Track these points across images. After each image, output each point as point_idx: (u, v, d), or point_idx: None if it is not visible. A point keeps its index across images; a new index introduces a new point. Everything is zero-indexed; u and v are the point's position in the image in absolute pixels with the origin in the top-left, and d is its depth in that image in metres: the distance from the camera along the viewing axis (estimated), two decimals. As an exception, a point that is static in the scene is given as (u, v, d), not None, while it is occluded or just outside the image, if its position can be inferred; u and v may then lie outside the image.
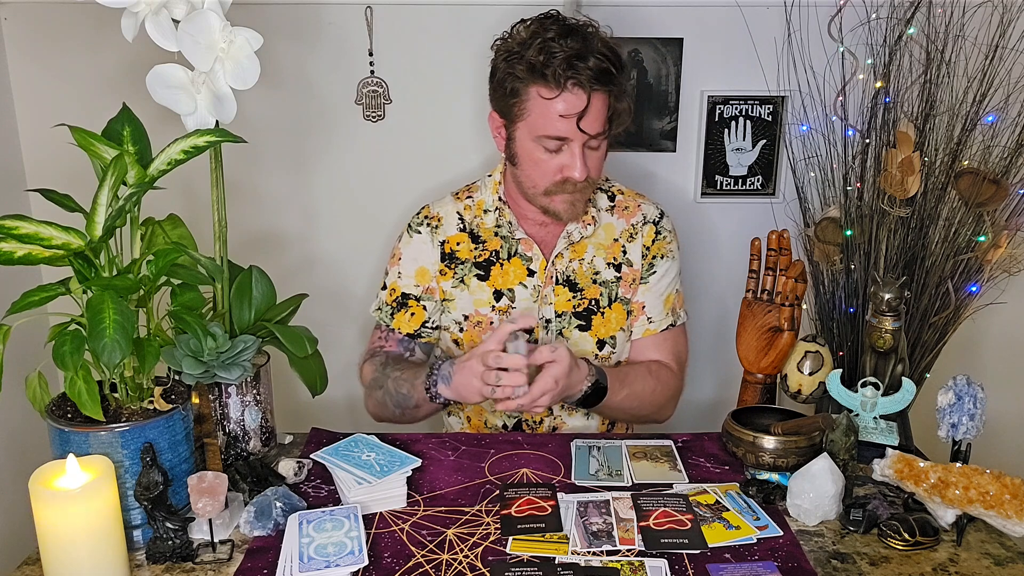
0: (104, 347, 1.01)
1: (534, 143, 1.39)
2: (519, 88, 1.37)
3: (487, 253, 1.53)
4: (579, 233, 1.51)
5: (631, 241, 1.55)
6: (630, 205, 1.57)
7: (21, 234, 1.04)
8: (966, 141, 1.58)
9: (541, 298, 1.51)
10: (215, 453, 1.26)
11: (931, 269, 1.61)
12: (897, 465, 1.21)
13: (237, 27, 1.18)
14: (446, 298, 1.54)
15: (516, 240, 1.52)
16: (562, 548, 1.11)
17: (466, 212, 1.55)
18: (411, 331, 1.54)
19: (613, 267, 1.54)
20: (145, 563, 1.10)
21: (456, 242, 1.53)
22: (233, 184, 1.49)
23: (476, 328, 1.53)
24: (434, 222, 1.55)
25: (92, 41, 1.76)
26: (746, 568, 1.08)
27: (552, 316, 1.52)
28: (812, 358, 1.47)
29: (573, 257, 1.53)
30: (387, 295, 1.55)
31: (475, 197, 1.56)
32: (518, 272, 1.52)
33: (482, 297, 1.52)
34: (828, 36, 1.71)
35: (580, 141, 1.36)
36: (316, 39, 1.80)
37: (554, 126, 1.35)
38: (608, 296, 1.53)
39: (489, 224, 1.53)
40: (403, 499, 1.22)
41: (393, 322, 1.54)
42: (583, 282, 1.53)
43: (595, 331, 1.53)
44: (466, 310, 1.53)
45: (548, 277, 1.51)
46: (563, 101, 1.34)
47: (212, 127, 1.20)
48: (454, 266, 1.53)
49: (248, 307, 1.34)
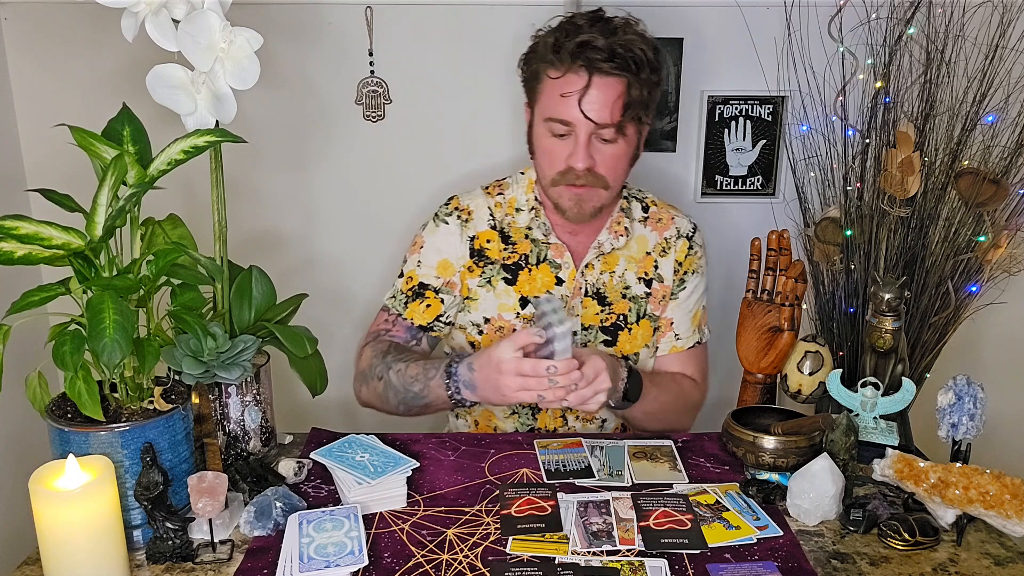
0: (104, 347, 1.01)
1: (544, 127, 1.37)
2: (537, 70, 1.38)
3: (516, 256, 1.48)
4: (611, 244, 1.48)
5: (664, 256, 1.52)
6: (663, 217, 1.54)
7: (21, 234, 1.04)
8: (966, 141, 1.58)
9: (568, 309, 1.47)
10: (215, 453, 1.26)
11: (931, 269, 1.61)
12: (897, 465, 1.21)
13: (237, 27, 1.18)
14: (469, 296, 1.49)
15: (547, 245, 1.48)
16: (562, 548, 1.11)
17: (496, 209, 1.50)
18: (424, 323, 1.48)
19: (644, 282, 1.51)
20: (145, 563, 1.10)
21: (486, 239, 1.49)
22: (233, 184, 1.49)
23: (497, 333, 1.49)
24: (464, 215, 1.49)
25: (92, 41, 1.77)
26: (746, 568, 1.08)
27: (578, 328, 1.48)
28: (812, 358, 1.47)
29: (604, 269, 1.49)
30: (403, 283, 1.50)
31: (506, 194, 1.51)
32: (546, 279, 1.48)
33: (507, 302, 1.48)
34: (828, 36, 1.71)
35: (586, 129, 1.33)
36: (316, 39, 1.80)
37: (557, 107, 1.34)
38: (636, 312, 1.50)
39: (521, 224, 1.48)
40: (403, 499, 1.22)
41: (406, 311, 1.48)
42: (612, 296, 1.49)
43: (620, 346, 1.50)
44: (488, 312, 1.49)
45: (577, 288, 1.48)
46: (566, 80, 1.33)
47: (212, 127, 1.20)
48: (483, 264, 1.48)
49: (248, 307, 1.34)
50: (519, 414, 1.53)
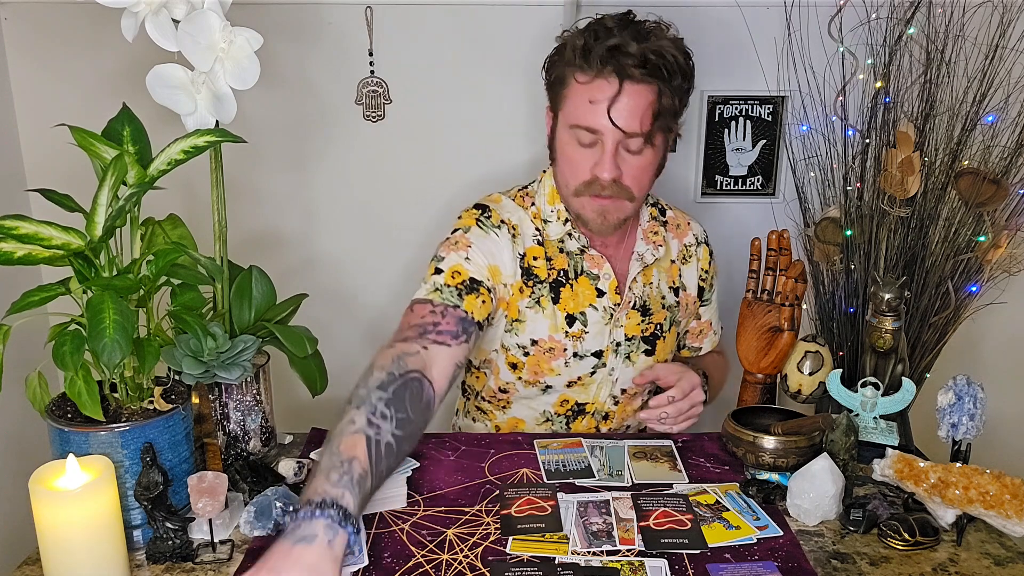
0: (104, 347, 1.01)
1: (569, 134, 1.32)
2: (563, 74, 1.32)
3: (555, 272, 1.40)
4: (652, 255, 1.45)
5: (686, 264, 1.52)
6: (681, 223, 1.53)
7: (21, 234, 1.04)
8: (966, 141, 1.58)
9: (613, 321, 1.43)
10: (215, 453, 1.26)
11: (931, 269, 1.61)
12: (897, 465, 1.21)
13: (237, 27, 1.18)
14: (518, 319, 1.40)
15: (582, 257, 1.41)
16: (562, 548, 1.11)
17: (535, 221, 1.41)
18: (481, 318, 1.32)
19: (673, 291, 1.51)
20: (145, 563, 1.10)
21: (533, 256, 1.39)
22: (233, 184, 1.49)
23: (547, 354, 1.41)
24: (511, 229, 1.39)
25: (92, 41, 1.76)
26: (746, 568, 1.08)
27: (622, 339, 1.45)
28: (812, 358, 1.47)
29: (644, 281, 1.46)
30: (447, 277, 1.32)
31: (536, 204, 1.43)
32: (587, 293, 1.41)
33: (555, 322, 1.40)
34: (828, 36, 1.71)
35: (613, 138, 1.27)
36: (316, 39, 1.80)
37: (585, 114, 1.28)
38: (670, 320, 1.50)
39: (552, 236, 1.41)
40: (403, 499, 1.22)
41: (464, 303, 1.30)
42: (654, 307, 1.47)
43: (658, 355, 1.49)
44: (536, 334, 1.41)
45: (626, 302, 1.44)
46: (595, 86, 1.27)
47: (212, 127, 1.20)
48: (532, 284, 1.39)
49: (248, 307, 1.34)
50: (552, 421, 1.50)
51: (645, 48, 1.25)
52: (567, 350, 1.41)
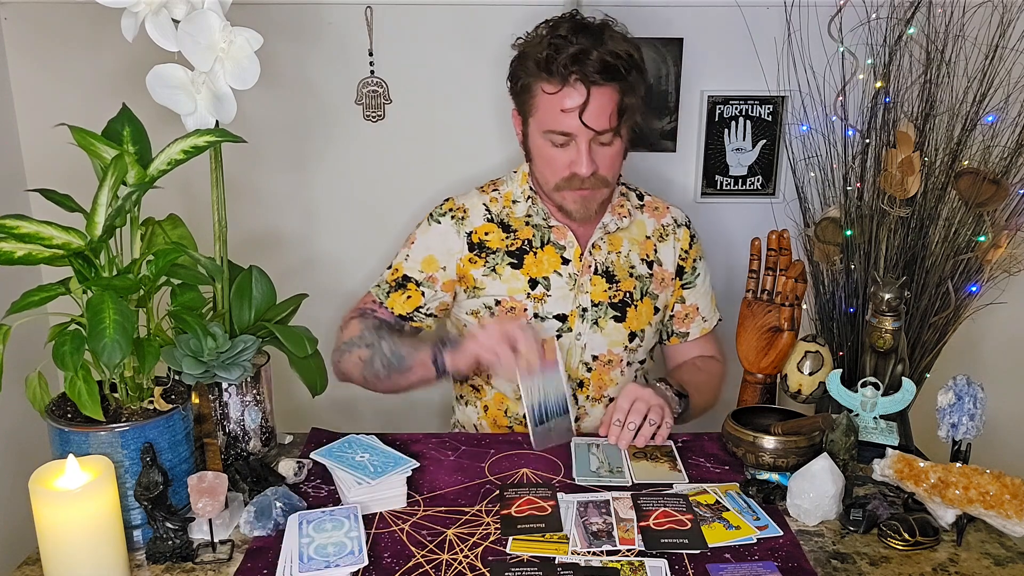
0: (104, 347, 1.01)
1: (543, 138, 1.42)
2: (529, 84, 1.41)
3: (519, 242, 1.53)
4: (615, 224, 1.53)
5: (662, 241, 1.58)
6: (659, 207, 1.61)
7: (21, 234, 1.04)
8: (966, 141, 1.58)
9: (578, 287, 1.51)
10: (215, 453, 1.26)
11: (931, 269, 1.61)
12: (897, 465, 1.21)
13: (237, 27, 1.18)
14: (476, 286, 1.52)
15: (549, 228, 1.52)
16: (562, 548, 1.11)
17: (492, 204, 1.55)
18: (403, 312, 1.53)
19: (646, 263, 1.56)
20: (145, 563, 1.10)
21: (484, 232, 1.53)
22: (233, 184, 1.49)
23: (509, 314, 1.52)
24: (459, 213, 1.54)
25: (92, 41, 1.76)
26: (746, 568, 1.08)
27: (588, 305, 1.52)
28: (812, 358, 1.47)
29: (611, 249, 1.54)
30: (389, 274, 1.56)
31: (501, 190, 1.57)
32: (552, 260, 1.52)
33: (516, 285, 1.52)
34: (828, 36, 1.71)
35: (586, 137, 1.38)
36: (316, 39, 1.80)
37: (557, 121, 1.38)
38: (641, 290, 1.55)
39: (519, 214, 1.53)
40: (403, 499, 1.22)
41: (388, 300, 1.53)
42: (620, 274, 1.54)
43: (628, 323, 1.54)
44: (498, 295, 1.52)
45: (586, 266, 1.52)
46: (565, 96, 1.36)
47: (212, 127, 1.20)
48: (484, 255, 1.52)
49: (248, 307, 1.34)
50: None
51: (603, 52, 1.35)
52: (527, 310, 1.51)
